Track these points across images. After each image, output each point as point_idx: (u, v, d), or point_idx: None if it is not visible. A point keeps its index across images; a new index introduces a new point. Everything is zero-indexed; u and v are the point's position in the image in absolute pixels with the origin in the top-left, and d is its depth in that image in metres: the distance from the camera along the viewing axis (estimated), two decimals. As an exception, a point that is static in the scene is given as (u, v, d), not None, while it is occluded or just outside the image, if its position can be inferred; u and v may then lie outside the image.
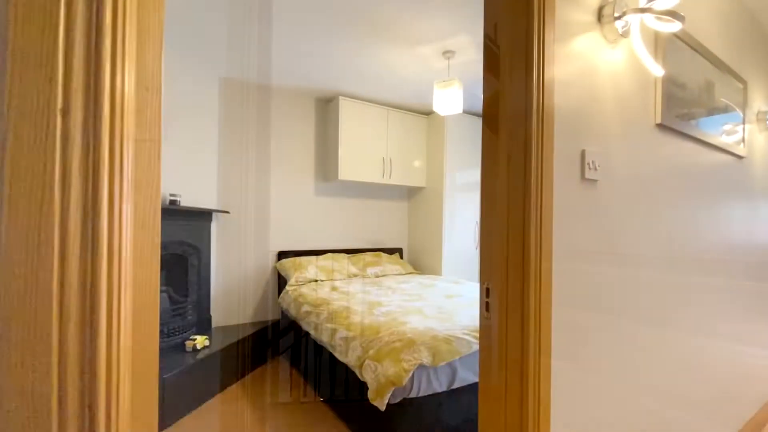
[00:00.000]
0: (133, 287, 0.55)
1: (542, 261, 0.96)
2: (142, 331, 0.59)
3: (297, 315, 2.64)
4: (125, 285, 0.53)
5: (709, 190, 1.67)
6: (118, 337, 0.54)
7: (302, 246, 3.50)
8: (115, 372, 0.53)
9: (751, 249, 2.01)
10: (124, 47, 0.54)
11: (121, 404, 0.54)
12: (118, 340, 0.54)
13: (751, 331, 2.00)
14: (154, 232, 0.57)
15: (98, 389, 0.51)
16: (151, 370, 0.62)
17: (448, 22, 2.23)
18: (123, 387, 0.55)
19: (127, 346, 0.55)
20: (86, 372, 0.50)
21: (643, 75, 1.33)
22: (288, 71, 2.97)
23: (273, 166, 3.34)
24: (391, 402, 1.55)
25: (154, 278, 0.58)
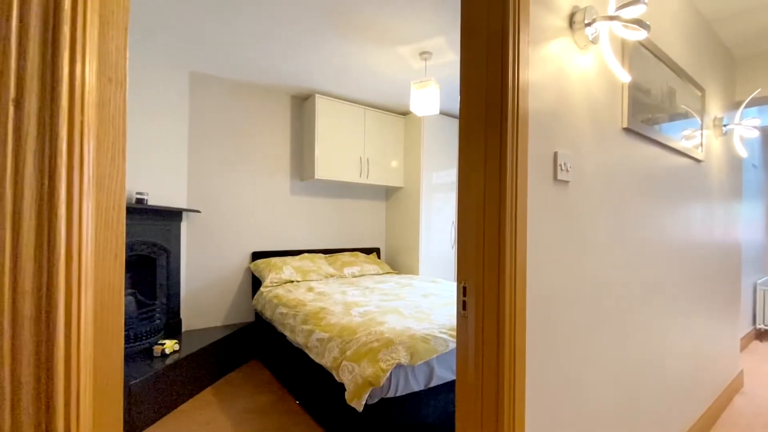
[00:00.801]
0: (95, 290, 0.51)
1: (517, 260, 0.98)
2: (105, 337, 0.56)
3: (272, 317, 2.59)
4: (86, 288, 0.50)
5: (671, 192, 1.76)
6: (78, 343, 0.50)
7: (277, 246, 3.43)
8: (75, 381, 0.50)
9: (708, 247, 2.14)
10: (84, 34, 0.50)
11: (82, 415, 0.51)
12: (78, 347, 0.50)
13: (708, 325, 2.13)
14: (118, 231, 0.53)
15: (56, 401, 0.47)
16: (114, 378, 0.58)
17: (426, 23, 2.25)
18: (84, 397, 0.52)
19: (88, 353, 0.52)
20: (42, 382, 0.46)
21: (611, 80, 1.38)
22: (263, 67, 2.90)
23: (247, 164, 3.26)
24: (368, 403, 1.54)
25: (118, 280, 0.55)
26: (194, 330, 2.92)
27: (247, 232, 3.26)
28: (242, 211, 3.23)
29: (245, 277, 3.26)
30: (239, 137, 3.22)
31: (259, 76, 3.08)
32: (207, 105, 3.04)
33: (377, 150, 3.72)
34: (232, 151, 3.18)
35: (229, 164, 3.16)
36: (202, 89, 3.02)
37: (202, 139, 3.03)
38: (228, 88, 3.15)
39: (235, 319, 3.21)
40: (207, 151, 3.05)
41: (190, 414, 2.16)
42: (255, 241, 3.30)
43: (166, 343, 2.33)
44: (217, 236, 3.09)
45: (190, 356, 2.36)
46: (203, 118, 3.03)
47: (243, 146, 3.24)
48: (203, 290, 3.03)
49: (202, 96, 3.02)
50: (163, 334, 2.63)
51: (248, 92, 3.25)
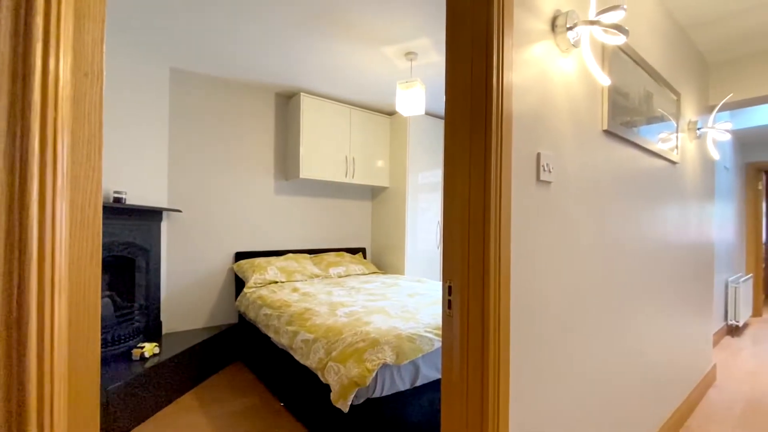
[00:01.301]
0: (70, 293, 0.50)
1: (501, 260, 0.99)
2: (81, 341, 0.54)
3: (255, 318, 2.55)
4: (60, 290, 0.48)
5: (648, 193, 1.82)
6: (51, 348, 0.48)
7: (261, 246, 3.39)
8: (49, 387, 0.48)
9: (683, 246, 2.21)
10: (59, 26, 0.49)
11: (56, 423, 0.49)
12: (51, 352, 0.48)
13: (683, 321, 2.20)
14: (94, 231, 0.52)
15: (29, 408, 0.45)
16: (90, 383, 0.57)
17: (411, 24, 2.26)
18: (58, 403, 0.50)
19: (62, 357, 0.50)
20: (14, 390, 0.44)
21: (592, 84, 1.41)
22: (246, 64, 2.86)
23: (230, 162, 3.21)
24: (354, 403, 1.54)
25: (94, 282, 0.53)
26: (175, 332, 2.86)
27: (230, 232, 3.20)
28: (225, 210, 3.17)
29: (228, 278, 3.20)
30: (222, 135, 3.16)
31: (242, 74, 3.03)
32: (188, 102, 2.98)
33: (363, 150, 3.72)
34: (215, 150, 3.12)
35: (211, 163, 3.10)
36: (183, 86, 2.95)
37: (184, 136, 2.96)
38: (210, 85, 3.09)
39: (218, 321, 3.15)
40: (188, 149, 2.98)
41: (171, 419, 2.11)
42: (238, 241, 3.25)
43: (145, 346, 2.27)
44: (199, 236, 3.03)
45: (171, 359, 2.31)
46: (184, 115, 2.96)
47: (226, 144, 3.18)
48: (185, 291, 2.97)
49: (183, 93, 2.95)
50: (143, 337, 2.56)
51: (231, 89, 3.20)
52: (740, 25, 2.18)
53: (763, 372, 2.93)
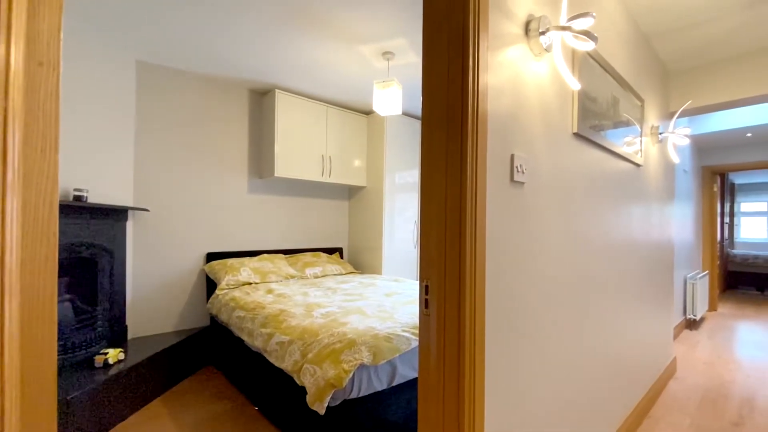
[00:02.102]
0: (22, 297, 0.46)
1: (477, 259, 1.00)
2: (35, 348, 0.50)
3: (228, 321, 2.48)
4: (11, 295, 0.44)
5: (615, 194, 1.90)
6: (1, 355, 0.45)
7: (234, 247, 3.30)
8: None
9: (646, 245, 2.32)
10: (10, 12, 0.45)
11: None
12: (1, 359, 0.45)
13: (646, 316, 2.31)
14: (49, 232, 0.48)
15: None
16: (46, 393, 0.53)
17: (388, 24, 2.26)
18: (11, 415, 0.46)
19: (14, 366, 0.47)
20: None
21: (563, 87, 1.46)
22: (218, 59, 2.77)
23: (201, 160, 3.10)
24: (330, 405, 1.52)
25: (50, 286, 0.49)
26: (142, 337, 2.74)
27: (201, 232, 3.10)
28: (196, 209, 3.07)
29: (199, 279, 3.10)
30: (193, 132, 3.05)
31: (214, 69, 2.94)
32: (156, 97, 2.86)
33: (340, 149, 3.69)
34: (185, 147, 3.01)
35: (181, 160, 2.99)
36: (151, 80, 2.83)
37: (151, 132, 2.84)
38: (180, 79, 2.97)
39: (188, 325, 3.04)
40: (157, 145, 2.86)
41: (137, 427, 2.02)
42: (210, 241, 3.15)
43: (109, 353, 2.16)
44: (167, 236, 2.92)
45: (137, 365, 2.21)
46: (152, 110, 2.84)
47: (197, 141, 3.08)
48: (152, 294, 2.85)
49: (151, 87, 2.83)
50: (107, 343, 2.44)
51: (203, 85, 3.10)
52: (697, 36, 2.31)
53: (718, 363, 3.12)
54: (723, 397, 2.47)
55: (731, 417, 2.22)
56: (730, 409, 2.32)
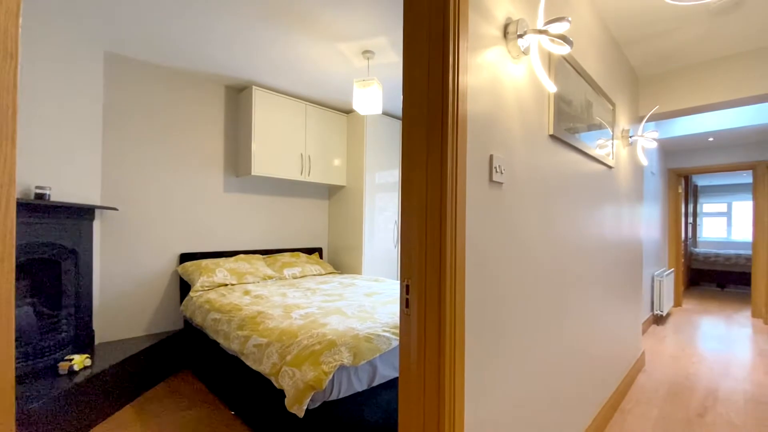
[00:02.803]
0: (-27, 303, 0.43)
1: (457, 258, 1.01)
2: (-11, 358, 0.47)
3: (203, 323, 2.41)
4: (-40, 301, 0.41)
5: (588, 194, 1.96)
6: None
7: (209, 247, 3.21)
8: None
9: (617, 243, 2.41)
10: (-41, -7, 0.42)
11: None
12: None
13: (617, 312, 2.40)
14: (5, 231, 0.45)
15: None
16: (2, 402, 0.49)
17: (368, 22, 2.25)
18: (-40, 430, 0.43)
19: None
20: None
21: (540, 90, 1.49)
22: (193, 53, 2.69)
23: (175, 157, 3.00)
24: (309, 407, 1.50)
25: (6, 288, 0.46)
26: (111, 342, 2.62)
27: (175, 232, 3.00)
28: (168, 208, 2.97)
29: (172, 281, 3.00)
30: (166, 128, 2.95)
31: (188, 63, 2.85)
32: (127, 91, 2.74)
33: (319, 147, 3.65)
34: (158, 143, 2.90)
35: (153, 157, 2.88)
36: (121, 73, 2.71)
37: (121, 128, 2.72)
38: (152, 73, 2.86)
39: (161, 328, 2.93)
40: (127, 141, 2.75)
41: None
42: (183, 241, 3.05)
43: (74, 359, 2.05)
44: (138, 236, 2.80)
45: (105, 371, 2.11)
46: (122, 105, 2.72)
47: (170, 138, 2.97)
48: (122, 297, 2.73)
49: (121, 80, 2.72)
50: (72, 348, 2.32)
51: (176, 79, 2.99)
52: (665, 44, 2.42)
53: (683, 356, 3.27)
54: (688, 389, 2.59)
55: (696, 408, 2.33)
56: (695, 400, 2.44)
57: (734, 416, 2.23)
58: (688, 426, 2.11)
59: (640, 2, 1.98)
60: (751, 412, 2.28)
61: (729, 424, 2.14)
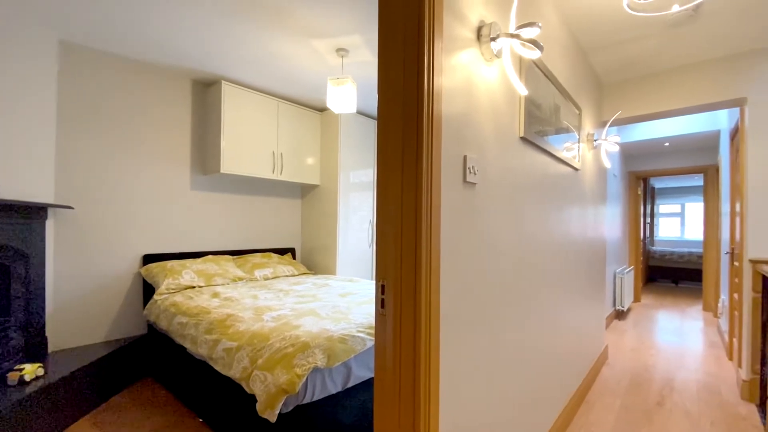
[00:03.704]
0: None
1: (432, 258, 1.01)
2: None
3: (168, 327, 2.31)
4: None
5: (557, 195, 2.03)
6: None
7: (175, 248, 3.08)
8: None
9: (582, 242, 2.51)
10: None
11: None
12: None
13: (583, 308, 2.50)
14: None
15: None
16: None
17: (342, 20, 2.22)
18: None
19: None
20: None
21: (512, 93, 1.52)
22: (158, 45, 2.57)
23: (137, 154, 2.85)
24: (282, 411, 1.46)
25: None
26: (67, 349, 2.46)
27: (137, 232, 2.85)
28: (130, 207, 2.82)
29: (134, 284, 2.85)
30: (127, 123, 2.80)
31: (152, 55, 2.71)
32: (84, 82, 2.58)
33: (292, 145, 3.58)
34: (118, 139, 2.75)
35: (113, 153, 2.73)
36: (78, 63, 2.55)
37: (78, 122, 2.56)
38: (113, 64, 2.71)
39: (122, 333, 2.78)
40: (84, 136, 2.59)
41: (60, 451, 1.81)
42: (147, 242, 2.90)
43: (25, 368, 1.91)
44: (96, 237, 2.65)
45: (60, 381, 1.98)
46: (79, 97, 2.56)
47: (132, 133, 2.82)
48: (79, 301, 2.57)
49: (78, 71, 2.55)
50: (23, 357, 2.16)
51: (139, 71, 2.85)
52: (626, 53, 2.54)
53: (642, 349, 3.46)
54: (647, 380, 2.74)
55: (655, 397, 2.47)
56: (654, 390, 2.58)
57: (689, 404, 2.37)
58: (648, 415, 2.23)
59: (603, 12, 2.07)
60: (704, 399, 2.44)
61: (684, 411, 2.28)
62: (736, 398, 2.46)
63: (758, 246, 2.43)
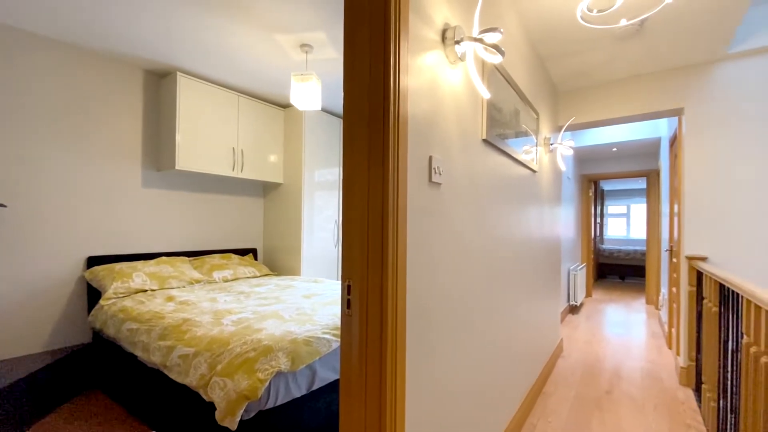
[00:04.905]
0: None
1: (398, 258, 1.01)
2: None
3: (117, 335, 2.15)
4: None
5: (517, 196, 2.10)
6: None
7: (125, 249, 2.88)
8: None
9: (540, 241, 2.63)
10: None
11: None
12: None
13: (540, 303, 2.62)
14: None
15: None
16: None
17: (307, 15, 2.18)
18: None
19: None
20: None
21: (474, 96, 1.56)
22: (103, 29, 2.39)
23: (80, 148, 2.64)
24: (243, 418, 1.41)
25: None
26: (1, 361, 2.23)
27: (80, 233, 2.64)
28: (72, 205, 2.60)
29: (78, 288, 2.63)
30: (69, 114, 2.58)
31: (97, 41, 2.52)
32: (18, 68, 2.35)
33: (253, 142, 3.47)
34: (58, 131, 2.53)
35: (52, 147, 2.50)
36: (10, 47, 2.32)
37: (10, 112, 2.32)
38: (52, 50, 2.49)
39: (63, 342, 2.56)
40: (17, 128, 2.35)
41: (-12, 475, 1.63)
42: (91, 243, 2.69)
43: (-55, 386, 1.71)
44: (33, 238, 2.42)
45: (-11, 398, 1.79)
46: (12, 84, 2.33)
47: (74, 126, 2.61)
48: (14, 308, 2.33)
49: (9, 56, 2.32)
50: (-58, 374, 1.93)
51: (82, 59, 2.63)
52: (579, 62, 2.69)
53: (594, 341, 3.68)
54: (598, 370, 2.92)
55: (604, 386, 2.63)
56: (604, 379, 2.75)
57: (634, 391, 2.55)
58: (598, 403, 2.37)
59: (560, 22, 2.18)
60: (647, 386, 2.63)
61: (630, 398, 2.45)
62: (675, 383, 2.68)
63: (693, 244, 2.66)
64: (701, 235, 2.63)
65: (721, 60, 2.59)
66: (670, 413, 2.24)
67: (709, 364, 2.08)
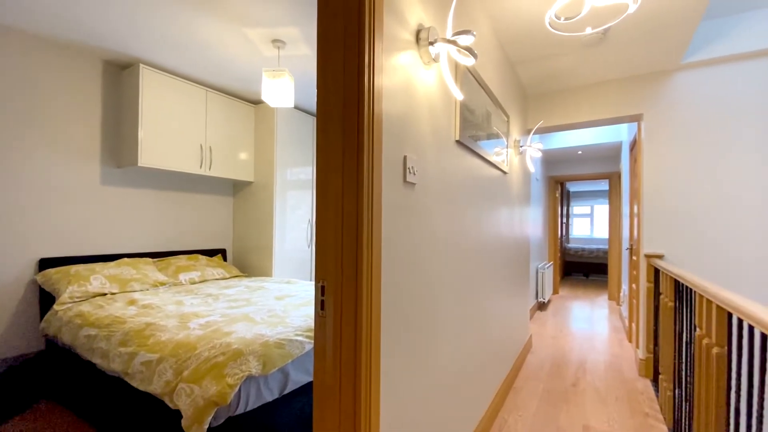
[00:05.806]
0: None
1: (373, 257, 1.00)
2: None
3: (73, 342, 2.02)
4: None
5: (488, 196, 2.15)
6: None
7: (81, 250, 2.71)
8: None
9: (510, 240, 2.70)
10: None
11: None
12: None
13: (510, 301, 2.69)
14: None
15: None
16: None
17: (279, 10, 2.13)
18: None
19: None
20: None
21: (448, 97, 1.58)
22: (57, 15, 2.23)
23: (29, 142, 2.46)
24: (212, 425, 1.35)
25: None
26: (-67, 375, 2.04)
27: (31, 233, 2.46)
28: (21, 204, 2.42)
29: (28, 292, 2.45)
30: (18, 106, 2.40)
31: (51, 28, 2.36)
32: (-39, 55, 2.16)
33: (222, 139, 3.35)
34: (5, 124, 2.35)
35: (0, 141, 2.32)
36: (-48, 32, 2.13)
37: (-49, 102, 2.13)
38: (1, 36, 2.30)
39: (13, 351, 2.38)
40: (-40, 120, 2.16)
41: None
42: (44, 244, 2.52)
43: None
44: (-22, 240, 2.23)
45: (-76, 415, 1.63)
46: (-47, 72, 2.14)
47: (25, 118, 2.43)
48: (-48, 317, 2.14)
49: (-48, 41, 2.13)
50: None
51: (34, 47, 2.46)
52: (547, 67, 2.78)
53: (561, 336, 3.82)
54: (565, 364, 3.03)
55: (571, 379, 2.74)
56: (570, 372, 2.86)
57: (598, 383, 2.67)
58: (565, 395, 2.46)
59: (530, 27, 2.24)
60: (609, 378, 2.76)
61: (594, 389, 2.56)
62: (634, 375, 2.83)
63: (651, 242, 2.81)
64: (658, 234, 2.79)
65: (677, 70, 2.76)
66: (630, 403, 2.36)
67: (665, 355, 2.20)
